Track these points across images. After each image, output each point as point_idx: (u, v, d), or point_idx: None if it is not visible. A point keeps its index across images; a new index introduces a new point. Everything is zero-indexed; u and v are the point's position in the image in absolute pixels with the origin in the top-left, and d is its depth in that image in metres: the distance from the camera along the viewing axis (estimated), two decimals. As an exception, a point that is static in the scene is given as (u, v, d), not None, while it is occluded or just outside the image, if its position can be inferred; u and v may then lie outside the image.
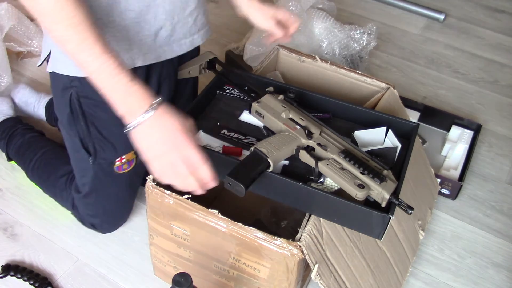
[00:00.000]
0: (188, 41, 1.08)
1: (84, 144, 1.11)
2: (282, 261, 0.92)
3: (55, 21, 0.80)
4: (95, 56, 0.81)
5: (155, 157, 0.85)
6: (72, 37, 0.81)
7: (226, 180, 0.85)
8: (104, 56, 0.82)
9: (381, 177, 0.87)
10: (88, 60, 0.82)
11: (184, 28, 1.05)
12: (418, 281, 1.25)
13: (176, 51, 1.06)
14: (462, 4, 2.29)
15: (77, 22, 0.80)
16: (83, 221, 1.26)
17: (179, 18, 1.03)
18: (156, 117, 0.84)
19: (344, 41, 1.77)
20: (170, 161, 0.84)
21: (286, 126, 0.97)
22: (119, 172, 1.15)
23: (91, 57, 0.81)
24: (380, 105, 1.19)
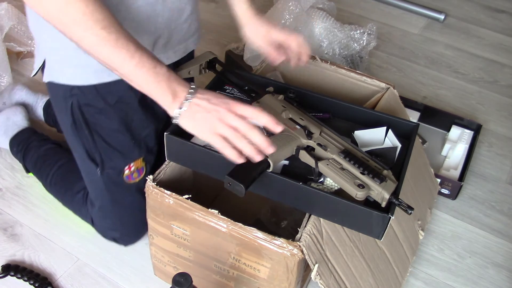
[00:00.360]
0: (182, 46, 1.08)
1: (90, 155, 1.09)
2: (282, 261, 0.92)
3: (87, 27, 0.79)
4: (132, 53, 0.81)
5: (210, 121, 0.83)
6: (107, 40, 0.80)
7: (226, 180, 0.85)
8: (139, 51, 0.81)
9: (381, 177, 0.87)
10: (126, 58, 0.81)
11: (179, 34, 1.05)
12: (418, 281, 1.25)
13: (172, 58, 1.07)
14: (462, 4, 2.29)
15: (108, 24, 0.79)
16: (104, 235, 1.24)
17: (176, 25, 1.03)
18: (199, 91, 0.85)
19: (344, 41, 1.77)
20: (224, 121, 0.83)
21: (286, 126, 0.97)
22: (129, 182, 1.13)
23: (128, 54, 0.81)
24: (380, 105, 1.19)
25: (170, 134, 0.97)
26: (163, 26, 1.00)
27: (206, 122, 0.84)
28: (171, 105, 0.85)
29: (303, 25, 1.75)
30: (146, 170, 1.14)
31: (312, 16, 1.77)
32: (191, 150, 0.96)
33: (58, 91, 1.03)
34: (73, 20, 0.78)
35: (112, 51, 0.80)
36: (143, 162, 1.12)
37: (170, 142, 0.98)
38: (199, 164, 0.98)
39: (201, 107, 0.84)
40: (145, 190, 1.00)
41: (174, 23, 1.02)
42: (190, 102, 0.84)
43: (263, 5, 2.13)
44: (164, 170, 1.03)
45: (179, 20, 1.03)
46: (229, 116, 0.83)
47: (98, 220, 1.22)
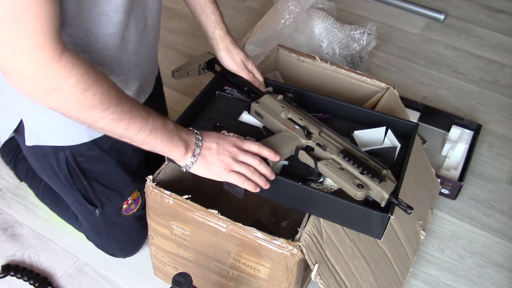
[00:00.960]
0: (152, 75, 1.11)
1: (88, 200, 1.08)
2: (282, 261, 0.92)
3: (104, 108, 0.76)
4: (146, 119, 0.81)
5: (223, 162, 0.88)
6: (124, 114, 0.78)
7: (225, 181, 0.85)
8: (149, 114, 0.82)
9: (381, 176, 0.87)
10: (142, 126, 0.81)
11: (151, 66, 1.08)
12: (418, 281, 1.25)
13: (147, 93, 1.09)
14: (462, 4, 2.29)
15: (120, 97, 0.78)
16: (100, 249, 1.24)
17: (152, 61, 1.06)
18: (205, 136, 0.89)
19: (344, 41, 1.77)
20: (236, 159, 0.88)
21: (285, 126, 0.97)
22: (128, 215, 1.13)
23: (143, 121, 0.81)
24: (380, 105, 1.19)
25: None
26: (144, 67, 1.01)
27: (221, 164, 0.88)
28: (185, 157, 0.87)
29: (303, 25, 1.75)
30: (142, 199, 1.14)
31: (312, 16, 1.77)
32: (191, 150, 0.96)
33: (46, 149, 1.00)
34: (91, 105, 0.75)
35: (129, 123, 0.80)
36: (138, 192, 1.13)
37: (169, 142, 0.98)
38: (198, 164, 0.98)
39: (212, 151, 0.88)
40: (145, 190, 1.00)
41: (151, 60, 1.04)
42: (201, 149, 0.87)
43: (263, 5, 2.14)
44: (164, 170, 1.03)
45: (153, 54, 1.06)
46: (240, 154, 0.88)
47: (94, 240, 1.23)
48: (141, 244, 1.24)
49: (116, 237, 1.17)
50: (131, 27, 0.91)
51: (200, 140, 0.88)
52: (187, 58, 1.82)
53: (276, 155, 0.90)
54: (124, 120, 0.79)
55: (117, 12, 0.85)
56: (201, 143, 0.87)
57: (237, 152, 0.88)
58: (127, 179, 1.09)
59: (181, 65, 1.12)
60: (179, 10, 2.05)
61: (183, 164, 0.88)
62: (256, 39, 1.68)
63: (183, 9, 2.04)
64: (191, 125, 1.04)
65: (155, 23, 1.01)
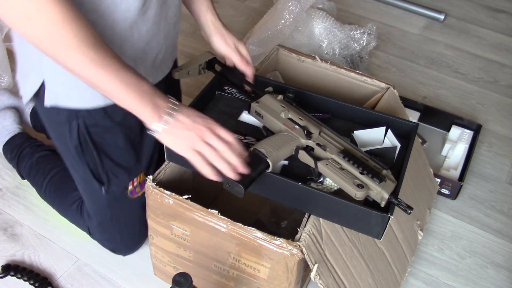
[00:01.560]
0: (171, 57, 1.09)
1: (96, 175, 1.07)
2: (282, 261, 0.92)
3: (77, 48, 0.78)
4: (116, 71, 0.82)
5: (188, 138, 0.87)
6: (94, 59, 0.79)
7: (225, 181, 0.85)
8: (124, 68, 0.83)
9: (380, 177, 0.87)
10: (111, 76, 0.81)
11: (170, 46, 1.07)
12: (418, 281, 1.25)
13: (164, 71, 1.08)
14: (462, 4, 2.29)
15: (95, 42, 0.79)
16: (102, 244, 1.24)
17: (170, 39, 1.05)
18: (181, 107, 0.88)
19: (344, 41, 1.77)
20: (204, 139, 0.86)
21: (285, 126, 0.97)
22: (133, 197, 1.13)
23: (113, 73, 0.81)
24: (380, 105, 1.19)
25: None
26: (163, 41, 1.01)
27: (187, 139, 0.86)
28: (153, 121, 0.86)
29: (303, 25, 1.75)
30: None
31: (312, 16, 1.77)
32: (191, 150, 0.96)
33: (61, 115, 1.01)
34: (66, 42, 0.77)
35: (100, 68, 0.80)
36: (145, 176, 1.12)
37: (169, 142, 0.98)
38: (198, 164, 0.98)
39: (184, 124, 0.87)
40: (145, 190, 1.00)
41: (169, 38, 1.04)
42: (174, 119, 0.86)
43: (263, 5, 2.14)
44: (164, 170, 1.03)
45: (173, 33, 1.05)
46: (210, 136, 0.87)
47: (96, 233, 1.23)
48: (142, 241, 1.24)
49: (119, 225, 1.17)
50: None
51: (175, 110, 0.87)
52: (187, 58, 1.82)
53: (243, 168, 0.86)
54: (96, 64, 0.80)
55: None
56: (175, 114, 0.86)
57: (206, 133, 0.86)
58: (135, 157, 1.09)
59: (181, 64, 1.12)
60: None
61: (151, 128, 0.87)
62: (256, 39, 1.68)
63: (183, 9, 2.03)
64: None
65: (176, 1, 1.02)
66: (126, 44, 0.94)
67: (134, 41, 0.95)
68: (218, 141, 0.86)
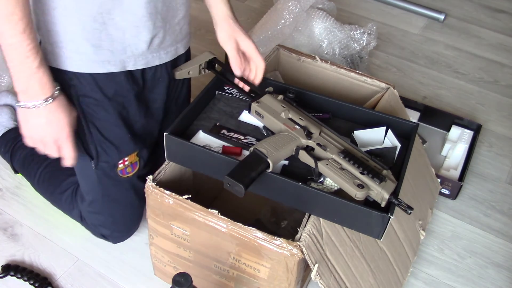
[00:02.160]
0: (173, 49, 1.08)
1: (85, 147, 1.09)
2: (282, 261, 0.92)
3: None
4: (15, 32, 0.85)
5: (33, 136, 0.97)
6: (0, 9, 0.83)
7: (225, 180, 0.85)
8: (23, 35, 0.86)
9: (381, 177, 0.87)
10: (8, 34, 0.85)
11: (172, 36, 1.06)
12: (418, 281, 1.25)
13: (163, 58, 1.07)
14: (462, 4, 2.29)
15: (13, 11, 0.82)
16: (93, 231, 1.24)
17: (170, 25, 1.04)
18: (50, 107, 0.94)
19: (344, 41, 1.77)
20: (44, 143, 0.98)
21: (285, 126, 0.97)
22: (123, 176, 1.13)
23: (12, 31, 0.85)
24: (380, 105, 1.19)
25: (169, 134, 0.97)
26: (160, 24, 1.01)
27: (40, 133, 0.97)
28: (19, 94, 0.92)
29: (303, 25, 1.75)
30: (139, 165, 1.14)
31: (312, 16, 1.77)
32: (191, 150, 0.97)
33: (56, 80, 1.03)
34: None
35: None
36: (137, 157, 1.12)
37: (170, 143, 0.98)
38: (198, 164, 0.99)
39: (40, 123, 0.95)
40: (145, 190, 1.00)
41: (169, 24, 1.03)
42: (37, 108, 0.93)
43: (263, 5, 2.14)
44: (164, 170, 1.03)
45: (173, 21, 1.04)
46: (51, 149, 0.99)
47: (88, 216, 1.22)
48: (134, 228, 1.24)
49: (110, 206, 1.17)
50: None
51: (43, 105, 0.93)
52: (187, 58, 1.82)
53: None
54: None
55: None
56: (40, 108, 0.93)
57: (50, 145, 0.98)
58: (126, 136, 1.09)
59: (181, 65, 1.12)
60: None
61: (18, 99, 0.93)
62: (256, 39, 1.68)
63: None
64: (192, 125, 1.04)
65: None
66: (115, 10, 0.94)
67: (124, 9, 0.95)
68: (55, 154, 0.99)
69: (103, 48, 0.98)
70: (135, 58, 1.01)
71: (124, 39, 0.98)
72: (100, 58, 0.99)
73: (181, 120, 1.00)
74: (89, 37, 0.96)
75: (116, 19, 0.95)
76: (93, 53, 0.97)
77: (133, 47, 1.00)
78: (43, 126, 0.96)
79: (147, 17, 0.97)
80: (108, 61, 0.99)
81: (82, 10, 0.93)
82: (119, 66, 1.00)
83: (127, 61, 1.01)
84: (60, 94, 0.95)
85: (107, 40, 0.97)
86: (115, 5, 0.93)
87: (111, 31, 0.96)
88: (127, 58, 1.00)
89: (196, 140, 1.01)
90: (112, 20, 0.95)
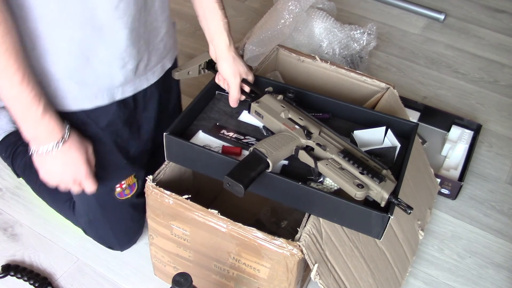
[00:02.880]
0: (160, 66, 1.07)
1: None
2: (282, 261, 0.92)
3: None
4: (13, 84, 0.83)
5: (52, 179, 0.97)
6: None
7: (225, 180, 0.85)
8: (22, 86, 0.83)
9: (380, 177, 0.87)
10: (6, 86, 0.83)
11: (156, 55, 1.05)
12: (417, 281, 1.25)
13: (151, 80, 1.06)
14: (462, 4, 2.29)
15: (3, 50, 0.80)
16: (97, 242, 1.24)
17: (154, 46, 1.03)
18: (63, 150, 0.92)
19: (344, 41, 1.77)
20: (64, 184, 0.97)
21: (285, 126, 0.97)
22: (122, 199, 1.13)
23: (9, 84, 0.83)
24: (380, 105, 1.19)
25: (169, 134, 0.97)
26: (144, 48, 0.99)
27: (58, 176, 0.96)
28: (30, 142, 0.91)
29: (303, 25, 1.75)
30: (138, 186, 1.14)
31: (312, 16, 1.77)
32: (191, 151, 0.97)
33: None
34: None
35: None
36: (135, 178, 1.12)
37: (169, 143, 0.98)
38: (198, 164, 0.99)
39: (56, 166, 0.94)
40: (145, 190, 1.00)
41: (152, 44, 1.02)
42: (50, 153, 0.92)
43: (263, 5, 2.14)
44: (164, 170, 1.03)
45: (156, 40, 1.03)
46: (72, 187, 0.98)
47: (89, 231, 1.23)
48: (137, 235, 1.24)
49: (111, 224, 1.17)
50: (129, 0, 0.90)
51: (55, 150, 0.91)
52: (187, 58, 1.82)
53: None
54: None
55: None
56: (53, 152, 0.91)
57: (72, 183, 0.97)
58: (122, 161, 1.09)
59: (181, 64, 1.12)
60: (179, 10, 2.05)
61: (30, 147, 0.92)
62: (256, 39, 1.68)
63: (183, 9, 2.04)
64: (191, 125, 1.04)
65: (157, 6, 0.99)
66: (99, 47, 0.92)
67: (107, 47, 0.93)
68: (77, 189, 0.99)
69: (89, 84, 0.96)
70: (122, 87, 1.00)
71: (110, 72, 0.96)
72: (87, 94, 0.97)
73: (181, 120, 1.00)
74: (72, 75, 0.93)
75: (100, 55, 0.93)
76: (79, 91, 0.95)
77: (120, 78, 0.98)
78: (60, 169, 0.94)
79: (131, 47, 0.95)
80: (95, 95, 0.98)
81: (61, 49, 0.90)
82: (108, 98, 0.99)
83: (115, 91, 1.00)
84: (71, 133, 0.93)
85: (92, 75, 0.95)
86: (97, 40, 0.91)
87: (96, 66, 0.94)
88: (114, 89, 0.99)
89: (196, 140, 1.01)
90: (96, 56, 0.93)
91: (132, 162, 1.11)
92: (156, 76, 1.07)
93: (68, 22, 0.87)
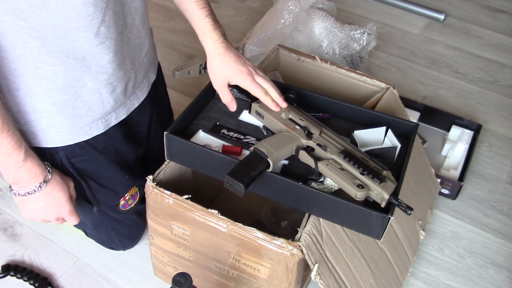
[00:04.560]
0: (146, 81, 1.07)
1: (85, 198, 1.08)
2: (282, 261, 0.92)
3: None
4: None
5: (34, 218, 0.98)
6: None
7: (225, 179, 0.85)
8: (1, 134, 0.83)
9: (381, 177, 0.87)
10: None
11: (142, 70, 1.04)
12: (418, 281, 1.25)
13: (140, 97, 1.06)
14: (462, 4, 2.29)
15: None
16: (99, 244, 1.24)
17: (139, 62, 1.02)
18: (45, 191, 0.92)
19: (344, 41, 1.77)
20: (47, 221, 0.99)
21: (285, 126, 0.97)
22: (126, 209, 1.13)
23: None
24: (380, 105, 1.19)
25: (169, 133, 0.97)
26: (130, 67, 0.99)
27: (40, 215, 0.97)
28: (12, 185, 0.92)
29: (303, 25, 1.75)
30: (140, 194, 1.14)
31: (312, 16, 1.77)
32: (191, 150, 0.96)
33: (42, 152, 0.98)
34: None
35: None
36: (136, 187, 1.13)
37: (170, 142, 0.98)
38: (199, 163, 0.98)
39: (38, 206, 0.94)
40: (145, 190, 1.00)
41: (137, 61, 1.01)
42: (32, 195, 0.92)
43: (263, 5, 2.14)
44: (164, 170, 1.03)
45: (140, 56, 1.02)
46: (57, 222, 0.99)
47: (93, 235, 1.23)
48: (139, 236, 1.24)
49: (115, 231, 1.17)
50: (109, 23, 0.88)
51: (37, 191, 0.92)
52: (187, 58, 1.82)
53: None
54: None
55: (86, 5, 0.82)
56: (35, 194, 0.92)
57: (54, 220, 0.99)
58: (124, 177, 1.09)
59: (182, 64, 1.12)
60: (179, 10, 2.05)
61: (11, 189, 0.93)
62: (256, 39, 1.68)
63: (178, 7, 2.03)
64: (192, 124, 1.04)
65: (138, 22, 0.97)
66: (85, 77, 0.91)
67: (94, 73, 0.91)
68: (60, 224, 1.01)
69: (81, 115, 0.95)
70: (115, 111, 1.00)
71: (101, 99, 0.96)
72: (80, 127, 0.96)
73: (181, 120, 1.00)
74: (63, 110, 0.92)
75: (88, 84, 0.92)
76: (70, 124, 0.95)
77: (111, 102, 0.98)
78: (42, 210, 0.95)
79: (117, 69, 0.94)
80: (89, 126, 0.97)
81: (46, 87, 0.88)
82: (102, 126, 0.99)
83: (109, 118, 1.00)
84: (53, 174, 0.93)
85: (83, 107, 0.94)
86: (82, 71, 0.90)
87: (85, 97, 0.93)
88: (108, 116, 0.99)
89: (196, 139, 1.01)
90: (83, 86, 0.92)
91: (132, 173, 1.11)
92: (145, 92, 1.07)
93: (49, 58, 0.85)
